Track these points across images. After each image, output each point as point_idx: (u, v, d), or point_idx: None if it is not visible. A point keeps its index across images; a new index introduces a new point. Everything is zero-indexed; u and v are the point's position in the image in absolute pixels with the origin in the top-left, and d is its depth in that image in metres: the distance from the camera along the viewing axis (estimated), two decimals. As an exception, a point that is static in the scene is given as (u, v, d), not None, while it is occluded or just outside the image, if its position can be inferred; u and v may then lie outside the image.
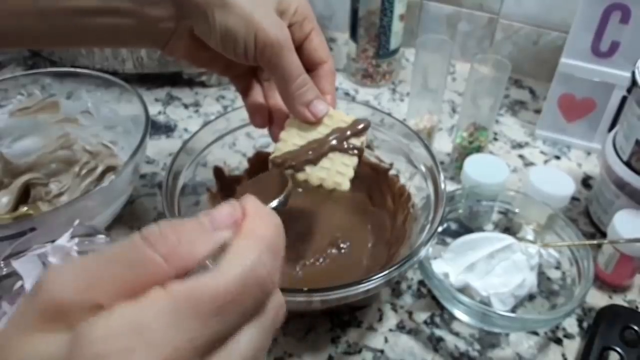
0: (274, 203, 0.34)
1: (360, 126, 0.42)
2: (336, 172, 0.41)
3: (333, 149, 0.41)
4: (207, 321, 0.18)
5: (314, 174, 0.41)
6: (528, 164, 0.70)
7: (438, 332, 0.51)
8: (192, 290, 0.17)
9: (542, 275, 0.54)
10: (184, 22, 0.39)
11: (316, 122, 0.42)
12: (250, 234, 0.20)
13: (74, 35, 0.39)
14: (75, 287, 0.18)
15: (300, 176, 0.41)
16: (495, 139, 0.73)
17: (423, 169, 0.52)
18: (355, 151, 0.42)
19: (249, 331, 0.19)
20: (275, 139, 0.45)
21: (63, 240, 0.43)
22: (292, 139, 0.42)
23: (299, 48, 0.42)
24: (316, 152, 0.41)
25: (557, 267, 0.54)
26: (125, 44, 0.46)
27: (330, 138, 0.42)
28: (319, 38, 0.43)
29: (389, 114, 0.55)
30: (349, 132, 0.42)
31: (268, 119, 0.46)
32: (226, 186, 0.56)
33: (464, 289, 0.51)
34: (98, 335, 0.17)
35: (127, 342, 0.16)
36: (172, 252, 0.18)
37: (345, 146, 0.41)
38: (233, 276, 0.18)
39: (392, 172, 0.57)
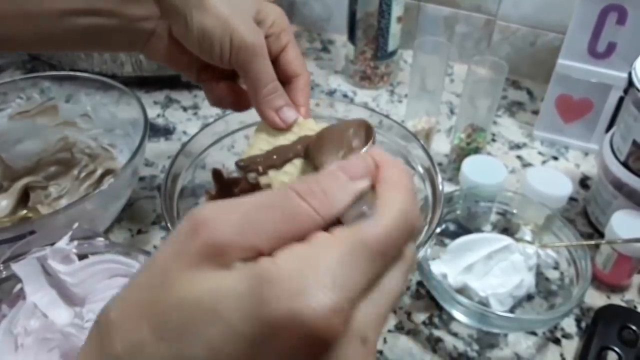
0: (364, 149, 0.33)
1: None
2: (297, 177, 0.41)
3: (298, 155, 0.41)
4: (374, 262, 0.20)
5: (277, 177, 0.41)
6: (526, 164, 0.70)
7: (437, 333, 0.51)
8: (361, 235, 0.20)
9: (540, 276, 0.54)
10: (164, 23, 0.40)
11: (285, 128, 0.42)
12: (395, 184, 0.22)
13: (58, 38, 0.40)
14: (234, 229, 0.19)
15: (263, 180, 0.41)
16: (493, 140, 0.74)
17: (421, 170, 0.52)
18: None
19: (395, 273, 0.21)
20: None
21: (62, 243, 0.43)
22: (260, 144, 0.42)
23: (275, 61, 0.43)
24: (281, 158, 0.41)
25: (555, 268, 0.54)
26: (107, 46, 0.47)
27: (296, 145, 0.42)
28: (294, 51, 0.44)
29: (387, 116, 0.56)
30: None
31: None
32: (225, 188, 0.56)
33: (463, 290, 0.51)
34: (286, 274, 0.18)
35: (313, 280, 0.18)
36: (322, 204, 0.20)
37: None
38: (392, 221, 0.20)
39: (390, 173, 0.57)
